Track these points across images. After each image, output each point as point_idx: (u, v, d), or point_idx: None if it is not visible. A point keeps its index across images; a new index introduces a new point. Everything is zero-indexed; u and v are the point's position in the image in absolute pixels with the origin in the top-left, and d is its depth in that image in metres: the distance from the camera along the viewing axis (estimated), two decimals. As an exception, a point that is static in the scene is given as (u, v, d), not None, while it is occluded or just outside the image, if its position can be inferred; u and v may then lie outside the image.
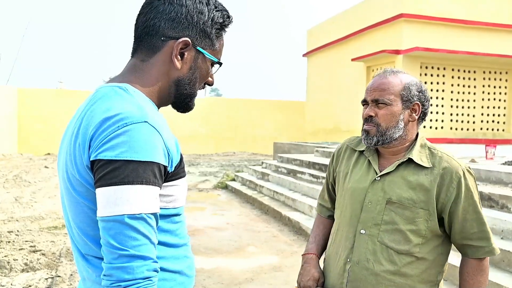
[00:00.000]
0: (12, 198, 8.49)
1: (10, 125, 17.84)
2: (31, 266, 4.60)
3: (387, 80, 1.57)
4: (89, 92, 16.12)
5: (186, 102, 1.19)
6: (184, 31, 1.12)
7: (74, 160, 1.03)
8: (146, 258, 0.96)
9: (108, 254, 0.95)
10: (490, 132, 14.62)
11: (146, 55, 1.13)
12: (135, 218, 0.95)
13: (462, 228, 1.53)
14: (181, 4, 1.11)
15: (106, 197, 0.95)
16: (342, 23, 16.54)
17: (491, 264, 3.91)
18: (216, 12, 1.16)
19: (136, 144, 0.96)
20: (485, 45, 13.54)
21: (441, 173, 1.52)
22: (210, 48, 1.16)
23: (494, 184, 5.41)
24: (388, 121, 1.55)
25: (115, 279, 0.94)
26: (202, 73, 1.18)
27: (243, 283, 4.32)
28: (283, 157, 10.36)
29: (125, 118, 0.98)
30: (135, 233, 0.95)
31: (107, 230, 0.95)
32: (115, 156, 0.95)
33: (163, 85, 1.14)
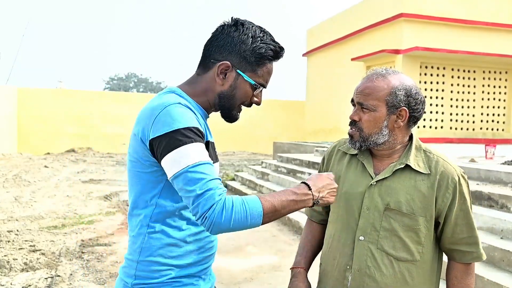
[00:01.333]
0: (11, 197, 8.48)
1: (10, 124, 17.84)
2: (31, 266, 4.60)
3: (372, 84, 1.51)
4: (89, 92, 16.03)
5: (228, 114, 1.49)
6: (227, 56, 1.42)
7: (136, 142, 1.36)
8: (214, 189, 1.25)
9: (189, 199, 1.25)
10: (490, 131, 14.62)
11: (201, 71, 1.47)
12: (195, 165, 1.26)
13: (453, 233, 1.53)
14: (229, 35, 1.43)
15: (171, 161, 1.27)
16: (342, 23, 16.54)
17: (491, 264, 3.91)
18: (260, 43, 1.42)
19: (176, 117, 1.29)
20: (485, 45, 13.54)
21: (438, 178, 1.51)
22: (250, 72, 1.44)
23: (493, 184, 5.42)
24: (371, 127, 1.51)
25: (200, 214, 1.23)
26: (242, 92, 1.45)
27: (242, 282, 4.32)
28: (283, 157, 10.36)
29: (164, 103, 1.33)
30: (200, 174, 1.25)
31: (180, 182, 1.26)
32: (166, 130, 1.27)
33: (209, 97, 1.46)
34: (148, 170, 1.36)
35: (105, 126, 19.33)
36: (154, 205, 1.38)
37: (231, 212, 1.24)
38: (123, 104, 19.67)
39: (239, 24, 1.43)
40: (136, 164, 1.38)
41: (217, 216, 1.22)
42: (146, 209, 1.39)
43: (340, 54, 16.50)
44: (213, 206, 1.23)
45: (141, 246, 1.39)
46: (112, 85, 48.26)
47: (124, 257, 1.47)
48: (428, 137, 13.54)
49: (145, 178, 1.38)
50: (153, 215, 1.38)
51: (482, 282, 3.62)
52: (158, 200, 1.37)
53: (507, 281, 3.54)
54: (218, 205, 1.23)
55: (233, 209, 1.24)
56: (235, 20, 1.45)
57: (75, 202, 8.23)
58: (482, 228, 4.45)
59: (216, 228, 1.24)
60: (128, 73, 50.25)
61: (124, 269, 1.44)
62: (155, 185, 1.37)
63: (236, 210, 1.25)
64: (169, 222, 1.39)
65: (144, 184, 1.38)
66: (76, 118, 19.03)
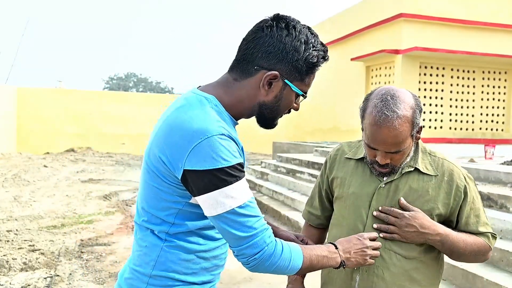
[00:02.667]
0: (11, 197, 8.48)
1: (9, 124, 17.82)
2: (30, 265, 4.59)
3: (398, 132, 1.42)
4: (89, 92, 15.96)
5: (268, 123, 1.37)
6: (276, 64, 1.26)
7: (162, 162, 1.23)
8: (262, 231, 1.21)
9: (234, 241, 1.21)
10: (489, 132, 14.63)
11: (239, 76, 1.30)
12: (241, 207, 1.19)
13: (465, 226, 1.58)
14: (280, 40, 1.25)
15: (212, 200, 1.18)
16: (341, 23, 16.54)
17: (490, 264, 3.91)
18: (313, 51, 1.30)
19: (220, 153, 1.17)
20: (484, 45, 13.55)
21: (446, 179, 1.54)
22: (298, 81, 1.30)
23: (493, 184, 5.42)
24: (404, 160, 1.53)
25: (248, 255, 1.20)
26: (286, 102, 1.32)
27: (241, 282, 4.32)
28: (282, 157, 10.36)
29: (205, 131, 1.17)
30: (246, 218, 1.19)
31: (223, 223, 1.19)
32: (208, 167, 1.16)
33: (247, 105, 1.31)
34: (167, 190, 1.25)
35: (105, 126, 19.32)
36: (171, 223, 1.28)
37: (278, 259, 1.23)
38: (122, 104, 19.65)
39: (291, 27, 1.27)
40: (154, 178, 1.27)
41: (265, 259, 1.21)
42: (161, 226, 1.29)
43: (339, 54, 16.50)
44: (264, 248, 1.20)
45: (156, 259, 1.29)
46: (112, 85, 48.24)
47: (130, 268, 1.36)
48: (428, 137, 13.55)
49: (161, 195, 1.27)
50: (170, 230, 1.29)
51: (482, 282, 3.62)
52: (174, 219, 1.28)
53: (507, 281, 3.54)
54: (268, 249, 1.21)
55: (281, 255, 1.23)
56: (284, 21, 1.28)
57: (74, 202, 8.23)
58: (481, 228, 4.46)
59: (259, 268, 1.23)
60: (128, 72, 50.26)
61: (130, 281, 1.33)
62: (172, 204, 1.27)
63: (283, 257, 1.24)
64: (186, 238, 1.30)
65: (159, 201, 1.28)
66: (75, 117, 19.02)
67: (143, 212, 1.33)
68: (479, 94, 14.42)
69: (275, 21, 1.28)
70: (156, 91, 47.00)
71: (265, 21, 1.29)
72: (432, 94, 13.85)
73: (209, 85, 1.34)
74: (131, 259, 1.37)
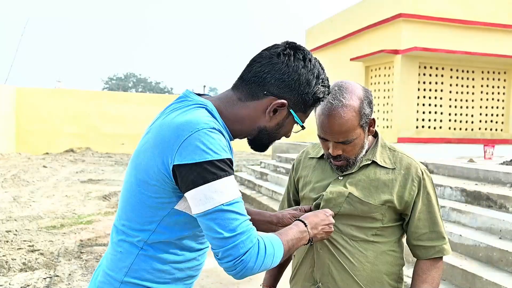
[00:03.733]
0: (10, 197, 8.47)
1: (8, 124, 17.81)
2: (29, 266, 4.59)
3: (345, 120, 1.47)
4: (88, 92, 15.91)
5: (261, 147, 1.37)
6: (286, 93, 1.27)
7: (152, 161, 1.20)
8: (249, 230, 1.18)
9: (218, 242, 1.16)
10: (489, 132, 14.64)
11: (245, 96, 1.29)
12: (230, 204, 1.16)
13: (416, 228, 1.58)
14: (295, 71, 1.27)
15: (200, 195, 1.14)
16: (340, 23, 16.55)
17: (489, 264, 3.91)
18: (321, 86, 1.31)
19: (210, 145, 1.14)
20: (483, 45, 13.56)
21: (403, 173, 1.57)
22: (301, 112, 1.32)
23: (492, 184, 5.42)
24: (357, 151, 1.56)
25: (234, 257, 1.15)
26: (285, 130, 1.35)
27: (241, 282, 4.32)
28: (282, 157, 10.36)
29: (195, 124, 1.16)
30: (234, 214, 1.16)
31: (210, 221, 1.15)
32: (197, 160, 1.13)
33: (246, 126, 1.31)
34: (153, 195, 1.22)
35: (104, 126, 19.31)
36: (151, 231, 1.25)
37: (263, 257, 1.20)
38: (122, 104, 19.64)
39: (308, 60, 1.29)
40: (142, 184, 1.24)
41: (251, 260, 1.17)
42: (141, 233, 1.26)
43: (339, 54, 16.51)
44: (250, 249, 1.16)
45: (130, 266, 1.27)
46: (111, 85, 48.23)
47: (103, 271, 1.33)
48: (427, 137, 13.55)
49: (147, 202, 1.24)
50: (148, 239, 1.26)
51: (481, 282, 3.62)
52: (157, 227, 1.25)
53: (506, 281, 3.54)
54: (254, 249, 1.17)
55: (265, 253, 1.20)
56: (302, 52, 1.29)
57: (73, 202, 8.23)
58: (480, 228, 4.46)
59: (246, 273, 1.18)
60: (127, 73, 50.27)
61: (102, 285, 1.32)
62: (156, 212, 1.24)
63: (267, 254, 1.21)
64: (164, 248, 1.27)
65: (143, 208, 1.25)
66: (74, 118, 19.00)
67: (124, 217, 1.30)
68: (478, 94, 14.43)
69: (293, 50, 1.29)
70: (156, 91, 47.00)
71: (282, 48, 1.29)
72: (431, 94, 13.86)
73: (208, 96, 1.34)
74: (105, 262, 1.35)
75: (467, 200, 5.08)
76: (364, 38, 14.93)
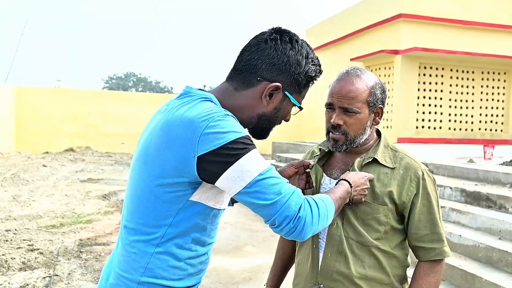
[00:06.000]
0: (10, 196, 8.47)
1: (8, 123, 17.80)
2: (29, 265, 4.59)
3: (354, 87, 1.52)
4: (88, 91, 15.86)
5: (263, 133, 1.40)
6: (279, 76, 1.30)
7: (168, 157, 1.21)
8: (293, 190, 1.21)
9: (269, 209, 1.19)
10: (488, 132, 14.64)
11: (240, 86, 1.32)
12: (267, 171, 1.19)
13: (416, 229, 1.57)
14: (284, 53, 1.30)
15: (237, 172, 1.17)
16: (340, 23, 16.55)
17: (489, 264, 3.91)
18: (312, 65, 1.35)
19: (229, 127, 1.18)
20: (483, 45, 13.56)
21: (402, 173, 1.57)
22: (297, 93, 1.36)
23: (492, 185, 5.42)
24: (357, 129, 1.55)
25: (290, 217, 1.18)
26: (283, 113, 1.38)
27: (240, 282, 4.32)
28: (282, 157, 10.36)
29: (209, 114, 1.19)
30: (275, 179, 1.20)
31: (254, 192, 1.18)
32: (221, 143, 1.16)
33: (246, 115, 1.33)
34: (169, 189, 1.23)
35: (104, 126, 19.30)
36: (167, 225, 1.27)
37: (318, 211, 1.24)
38: (122, 104, 19.63)
39: (294, 42, 1.32)
40: (157, 179, 1.24)
41: (308, 215, 1.21)
42: (157, 228, 1.27)
43: (339, 54, 16.51)
44: (303, 204, 1.21)
45: (146, 266, 1.28)
46: (111, 84, 48.22)
47: (115, 273, 1.33)
48: (427, 138, 13.56)
49: (162, 197, 1.25)
50: (165, 235, 1.27)
51: (481, 283, 3.62)
52: (172, 221, 1.26)
53: (506, 281, 3.55)
54: (305, 204, 1.22)
55: (318, 207, 1.24)
56: (288, 35, 1.32)
57: (73, 201, 8.23)
58: (480, 228, 4.46)
59: (308, 229, 1.21)
60: (127, 72, 50.24)
61: (116, 287, 1.31)
62: (172, 206, 1.25)
63: (321, 208, 1.25)
64: (179, 243, 1.29)
65: (158, 203, 1.26)
66: (74, 117, 18.99)
67: (137, 215, 1.29)
68: (478, 94, 14.42)
69: (278, 34, 1.32)
70: (156, 91, 46.99)
71: (268, 34, 1.32)
72: (431, 95, 13.85)
73: (207, 90, 1.36)
74: (117, 263, 1.34)
75: (467, 201, 5.08)
76: (364, 38, 14.93)
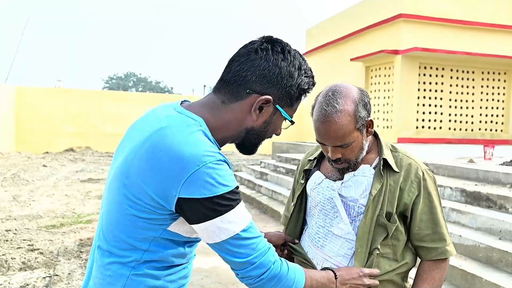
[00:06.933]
0: (10, 196, 8.47)
1: (8, 123, 17.80)
2: (29, 265, 4.59)
3: (339, 125, 1.46)
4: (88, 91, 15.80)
5: (251, 149, 1.32)
6: (270, 88, 1.22)
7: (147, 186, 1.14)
8: (266, 251, 1.20)
9: (237, 265, 1.19)
10: (489, 132, 14.63)
11: (228, 99, 1.23)
12: (244, 230, 1.17)
13: (418, 229, 1.57)
14: (276, 64, 1.21)
15: (214, 227, 1.14)
16: (341, 23, 16.54)
17: (489, 265, 3.91)
18: (304, 77, 1.26)
19: (219, 179, 1.12)
20: (483, 45, 13.55)
21: (403, 174, 1.56)
22: (288, 107, 1.27)
23: (492, 185, 5.42)
24: (357, 153, 1.55)
25: (254, 277, 1.19)
26: (274, 127, 1.29)
27: (240, 282, 4.32)
28: (282, 157, 10.36)
29: (200, 157, 1.11)
30: (249, 240, 1.18)
31: (228, 247, 1.17)
32: (208, 195, 1.11)
33: (233, 129, 1.25)
34: (145, 216, 1.16)
35: (104, 126, 19.31)
36: (144, 250, 1.20)
37: (284, 278, 1.22)
38: (122, 104, 19.64)
39: (286, 52, 1.23)
40: (134, 205, 1.17)
41: (271, 278, 1.20)
42: (132, 252, 1.20)
43: (339, 54, 16.51)
44: (271, 267, 1.20)
45: None
46: (111, 84, 48.22)
47: None
48: (427, 138, 13.55)
49: (138, 223, 1.17)
50: (141, 258, 1.21)
51: (481, 283, 3.62)
52: (149, 246, 1.20)
53: (506, 281, 3.54)
54: (274, 268, 1.20)
55: (286, 275, 1.22)
56: (280, 45, 1.24)
57: (73, 201, 8.23)
58: (480, 228, 4.46)
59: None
60: (127, 72, 50.24)
61: None
62: (149, 232, 1.18)
63: (288, 278, 1.23)
64: (156, 265, 1.23)
65: (135, 228, 1.18)
66: (74, 117, 19.00)
67: (111, 238, 1.22)
68: (478, 94, 14.42)
69: (270, 44, 1.23)
70: (156, 91, 47.00)
71: (259, 43, 1.24)
72: (431, 95, 13.85)
73: (194, 105, 1.27)
74: (91, 286, 1.28)
75: (467, 201, 5.08)
76: (364, 38, 14.93)
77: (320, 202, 1.63)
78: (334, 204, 1.60)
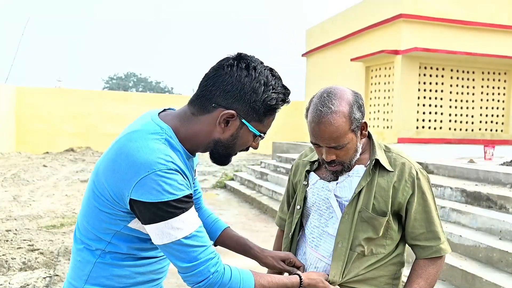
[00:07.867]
0: (10, 196, 8.47)
1: (9, 123, 17.81)
2: (29, 265, 4.59)
3: (335, 126, 1.46)
4: (88, 91, 15.84)
5: (222, 160, 1.37)
6: (234, 103, 1.26)
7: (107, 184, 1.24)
8: (207, 260, 1.23)
9: (180, 269, 1.24)
10: (489, 132, 14.64)
11: (197, 111, 1.30)
12: (187, 238, 1.21)
13: (412, 228, 1.58)
14: (239, 80, 1.26)
15: (158, 231, 1.20)
16: (341, 23, 16.55)
17: (489, 265, 3.91)
18: (272, 93, 1.28)
19: (166, 187, 1.18)
20: (484, 45, 13.56)
21: (397, 174, 1.57)
22: (256, 121, 1.30)
23: (492, 185, 5.42)
24: (351, 155, 1.55)
25: (193, 283, 1.23)
26: (243, 141, 1.33)
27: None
28: (282, 157, 10.36)
29: (151, 163, 1.18)
30: (191, 248, 1.22)
31: (171, 251, 1.22)
32: (153, 200, 1.17)
33: (201, 140, 1.32)
34: (108, 211, 1.27)
35: (104, 126, 19.31)
36: (107, 242, 1.30)
37: (226, 285, 1.24)
38: (122, 104, 19.65)
39: (251, 68, 1.27)
40: (96, 198, 1.28)
41: (210, 286, 1.23)
42: (97, 242, 1.31)
43: (339, 54, 16.51)
44: (209, 277, 1.22)
45: (89, 274, 1.32)
46: (111, 85, 48.22)
47: (66, 280, 1.39)
48: (427, 138, 13.56)
49: (101, 216, 1.28)
50: (106, 248, 1.31)
51: (481, 283, 3.62)
52: (111, 239, 1.30)
53: (506, 281, 3.54)
54: (213, 278, 1.23)
55: (229, 283, 1.25)
56: (245, 61, 1.28)
57: (73, 202, 8.23)
58: (480, 229, 4.46)
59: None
60: (127, 72, 50.21)
61: None
62: (110, 226, 1.28)
63: (231, 285, 1.25)
64: (121, 257, 1.32)
65: (98, 220, 1.29)
66: (75, 117, 19.01)
67: (82, 227, 1.35)
68: (478, 94, 14.43)
69: (236, 60, 1.28)
70: (156, 91, 47.00)
71: (227, 60, 1.29)
72: (431, 95, 13.86)
73: (169, 114, 1.35)
74: (68, 271, 1.41)
75: (467, 201, 5.08)
76: (364, 38, 14.93)
77: (315, 202, 1.64)
78: (329, 204, 1.60)
